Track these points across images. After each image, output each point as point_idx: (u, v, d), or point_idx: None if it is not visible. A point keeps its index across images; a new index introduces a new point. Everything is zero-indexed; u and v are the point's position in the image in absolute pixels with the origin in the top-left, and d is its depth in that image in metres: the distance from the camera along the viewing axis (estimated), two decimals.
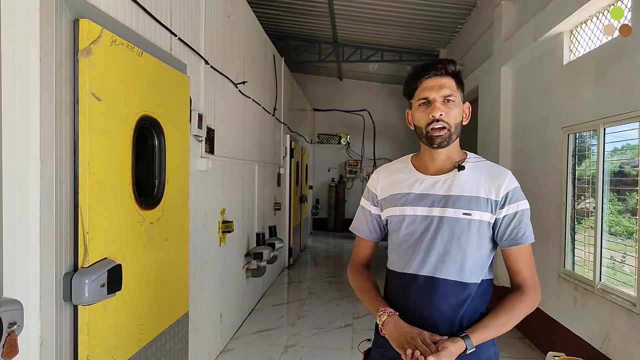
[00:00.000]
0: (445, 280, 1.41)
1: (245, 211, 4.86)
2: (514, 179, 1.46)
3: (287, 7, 7.57)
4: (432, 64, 1.45)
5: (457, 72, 1.45)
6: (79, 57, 1.80)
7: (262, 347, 4.26)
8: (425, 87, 1.43)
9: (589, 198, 3.62)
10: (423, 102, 1.44)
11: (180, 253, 2.79)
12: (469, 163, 1.48)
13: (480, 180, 1.44)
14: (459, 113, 1.45)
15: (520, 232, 1.42)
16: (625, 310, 2.98)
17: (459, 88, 1.45)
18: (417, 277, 1.44)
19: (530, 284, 1.43)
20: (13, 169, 1.53)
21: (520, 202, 1.44)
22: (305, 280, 6.97)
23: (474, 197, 1.42)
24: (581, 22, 3.78)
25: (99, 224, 1.89)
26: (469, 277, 1.42)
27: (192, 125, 3.06)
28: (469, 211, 1.41)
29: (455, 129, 1.43)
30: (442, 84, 1.42)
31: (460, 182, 1.44)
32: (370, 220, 1.63)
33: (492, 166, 1.50)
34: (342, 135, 12.87)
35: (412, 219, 1.47)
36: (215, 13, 3.71)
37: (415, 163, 1.55)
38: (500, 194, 1.42)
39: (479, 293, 1.44)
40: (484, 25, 6.06)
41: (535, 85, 4.54)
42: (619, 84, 3.13)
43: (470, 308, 1.42)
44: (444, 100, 1.41)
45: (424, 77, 1.44)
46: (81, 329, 1.81)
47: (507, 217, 1.42)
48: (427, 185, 1.48)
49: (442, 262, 1.42)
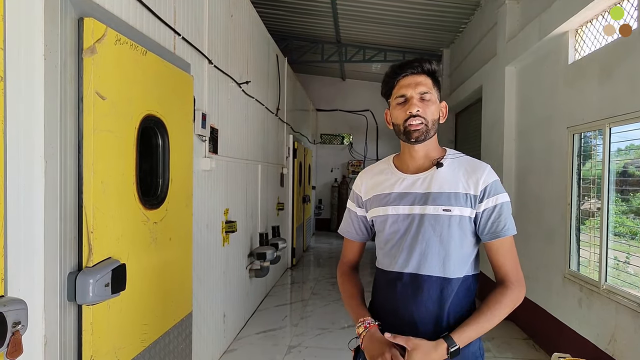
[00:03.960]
0: (429, 277, 1.44)
1: (249, 211, 4.86)
2: (493, 173, 1.48)
3: (290, 7, 7.56)
4: (408, 62, 1.48)
5: (432, 70, 1.48)
6: (84, 56, 1.79)
7: (265, 347, 4.25)
8: (402, 85, 1.47)
9: (594, 198, 3.60)
10: (401, 99, 1.47)
11: (184, 253, 2.78)
12: (447, 159, 1.50)
13: (459, 175, 1.47)
14: (436, 110, 1.48)
15: (500, 225, 1.43)
16: (631, 311, 2.96)
17: (435, 86, 1.49)
18: (402, 275, 1.47)
19: (513, 277, 1.45)
20: (18, 168, 1.53)
21: (500, 195, 1.45)
22: (309, 281, 6.96)
23: (453, 193, 1.44)
24: (586, 22, 3.76)
25: (103, 224, 1.88)
26: (452, 273, 1.44)
27: (196, 125, 3.06)
28: (448, 207, 1.43)
29: (432, 125, 1.46)
30: (418, 82, 1.45)
31: (439, 178, 1.47)
32: (357, 221, 1.67)
33: (470, 161, 1.51)
34: (344, 136, 12.86)
35: (394, 218, 1.50)
36: (218, 13, 3.70)
37: (396, 163, 1.58)
38: (478, 189, 1.44)
39: (464, 288, 1.46)
40: (488, 25, 6.04)
41: (539, 85, 4.52)
42: (625, 83, 3.11)
43: (455, 303, 1.44)
44: (421, 98, 1.45)
45: (400, 76, 1.48)
46: (85, 328, 1.81)
47: (487, 211, 1.44)
48: (407, 184, 1.51)
49: (425, 259, 1.44)
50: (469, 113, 7.68)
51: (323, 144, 12.76)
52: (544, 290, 4.27)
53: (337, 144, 12.89)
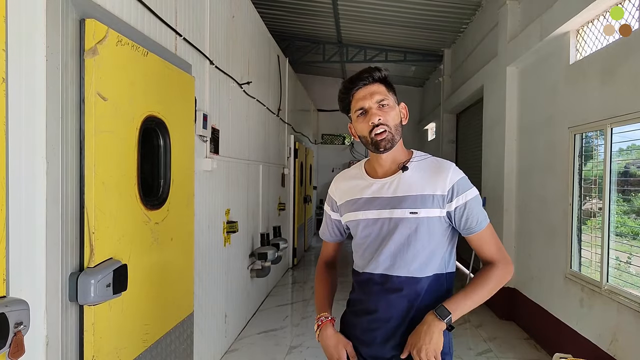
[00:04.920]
0: (398, 277, 1.50)
1: (250, 211, 4.86)
2: (458, 171, 1.51)
3: (291, 8, 7.56)
4: (358, 75, 1.52)
5: (383, 77, 1.52)
6: (85, 57, 1.80)
7: (266, 347, 4.26)
8: (358, 97, 1.50)
9: (595, 198, 3.60)
10: (360, 112, 1.50)
11: (186, 253, 2.79)
12: (412, 162, 1.54)
13: (425, 177, 1.50)
14: (397, 115, 1.51)
15: (473, 220, 1.48)
16: (633, 311, 2.95)
17: (390, 91, 1.52)
18: (374, 276, 1.54)
19: (498, 258, 1.51)
20: (19, 168, 1.53)
21: (468, 191, 1.49)
22: (310, 281, 6.95)
23: (419, 195, 1.47)
24: (588, 22, 3.75)
25: (104, 224, 1.89)
26: (421, 272, 1.49)
27: (197, 125, 3.06)
28: (415, 210, 1.47)
29: (396, 130, 1.49)
30: (372, 91, 1.49)
31: (405, 182, 1.50)
32: (331, 224, 1.75)
33: (435, 162, 1.55)
34: (345, 136, 12.86)
35: (365, 223, 1.55)
36: (220, 13, 3.71)
37: (367, 168, 1.63)
38: (446, 188, 1.47)
39: (434, 286, 1.51)
40: (489, 25, 6.04)
41: (541, 85, 4.52)
42: (627, 83, 3.10)
43: (426, 300, 1.49)
44: (379, 106, 1.48)
45: (354, 89, 1.51)
46: (87, 329, 1.81)
47: (459, 209, 1.47)
48: (375, 188, 1.55)
49: (395, 261, 1.50)
50: (470, 113, 7.68)
51: (324, 144, 12.76)
52: (546, 290, 4.27)
53: (338, 144, 12.90)
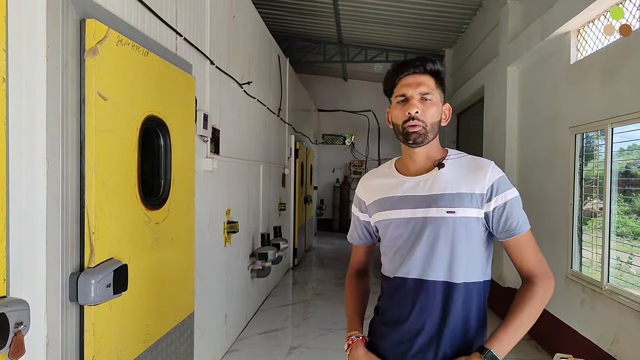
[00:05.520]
0: (433, 282, 1.38)
1: (250, 211, 4.86)
2: (498, 169, 1.42)
3: (292, 8, 7.56)
4: (411, 61, 1.43)
5: (436, 70, 1.43)
6: (85, 57, 1.80)
7: (267, 348, 4.26)
8: (403, 84, 1.42)
9: (596, 199, 3.60)
10: (401, 99, 1.42)
11: (186, 253, 2.79)
12: (449, 160, 1.45)
13: (462, 175, 1.41)
14: (437, 112, 1.42)
15: (513, 222, 1.37)
16: (634, 311, 2.95)
17: (438, 87, 1.43)
18: (406, 281, 1.42)
19: (539, 271, 1.37)
20: (20, 169, 1.53)
21: (508, 191, 1.39)
22: (311, 281, 6.96)
23: (456, 194, 1.38)
24: (588, 21, 3.75)
25: (105, 224, 1.89)
26: (459, 277, 1.38)
27: (198, 126, 3.06)
28: (452, 209, 1.37)
29: (432, 128, 1.41)
30: (420, 82, 1.40)
31: (442, 180, 1.41)
32: (359, 226, 1.64)
33: (473, 159, 1.45)
34: (346, 136, 12.86)
35: (397, 223, 1.45)
36: (220, 13, 3.71)
37: (398, 166, 1.54)
38: (485, 187, 1.38)
39: (472, 294, 1.39)
40: (490, 25, 6.03)
41: (542, 85, 4.51)
42: (628, 83, 3.10)
43: (462, 309, 1.38)
44: (421, 98, 1.39)
45: (402, 75, 1.43)
46: (87, 329, 1.81)
47: (497, 209, 1.37)
48: (409, 186, 1.45)
49: (430, 264, 1.39)
50: (471, 113, 7.67)
51: (325, 144, 12.76)
52: None
53: (339, 144, 12.90)
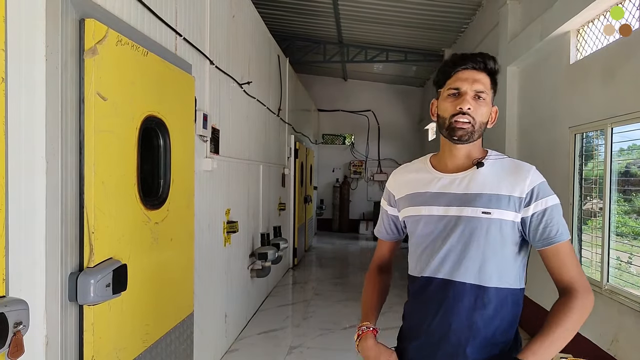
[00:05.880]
0: (462, 284, 1.32)
1: (250, 211, 4.86)
2: (539, 174, 1.36)
3: (292, 8, 7.56)
4: (472, 55, 1.37)
5: (494, 70, 1.38)
6: (85, 57, 1.80)
7: (266, 347, 4.26)
8: (460, 77, 1.36)
9: (596, 199, 3.60)
10: (454, 92, 1.36)
11: (186, 253, 2.78)
12: (489, 160, 1.39)
13: (501, 176, 1.35)
14: (487, 113, 1.37)
15: (552, 230, 1.30)
16: (634, 311, 2.95)
17: (492, 88, 1.39)
18: (433, 280, 1.36)
19: (578, 284, 1.29)
20: (19, 168, 1.53)
21: (549, 197, 1.32)
22: (310, 281, 6.96)
23: (494, 194, 1.32)
24: (588, 21, 3.75)
25: (104, 224, 1.89)
26: (490, 281, 1.31)
27: (197, 125, 3.06)
28: (488, 210, 1.31)
29: (479, 127, 1.35)
30: (477, 79, 1.35)
31: (480, 179, 1.35)
32: (387, 220, 1.59)
33: (514, 162, 1.40)
34: (346, 136, 12.86)
35: (428, 219, 1.39)
36: (220, 13, 3.71)
37: (433, 162, 1.48)
38: (524, 191, 1.31)
39: (503, 301, 1.33)
40: (490, 25, 6.04)
41: (541, 85, 4.52)
42: (627, 83, 3.10)
43: (491, 315, 1.31)
44: (475, 96, 1.34)
45: (460, 67, 1.36)
46: (86, 329, 1.81)
47: (536, 216, 1.31)
48: (444, 183, 1.39)
49: (460, 265, 1.33)
50: None
51: (325, 144, 12.77)
52: (546, 290, 4.26)
53: (339, 144, 12.90)
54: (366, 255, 9.13)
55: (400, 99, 12.21)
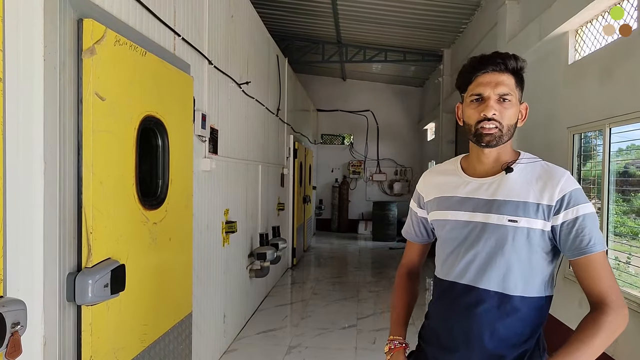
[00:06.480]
0: (486, 291, 1.30)
1: (249, 211, 4.86)
2: (573, 180, 1.30)
3: (290, 8, 7.56)
4: (491, 57, 1.33)
5: (518, 68, 1.33)
6: (83, 57, 1.80)
7: (265, 347, 4.26)
8: (481, 82, 1.31)
9: (594, 198, 3.60)
10: (476, 98, 1.32)
11: (184, 253, 2.78)
12: (519, 164, 1.34)
13: (531, 183, 1.30)
14: (515, 114, 1.33)
15: (584, 240, 1.24)
16: (632, 312, 2.95)
17: (518, 87, 1.34)
18: (456, 285, 1.35)
19: (611, 298, 1.23)
20: (17, 168, 1.53)
21: (581, 205, 1.26)
22: (309, 281, 6.96)
23: (521, 202, 1.29)
24: (586, 22, 3.76)
25: (102, 224, 1.89)
26: (514, 290, 1.29)
27: (196, 126, 3.06)
28: (515, 218, 1.28)
29: (507, 130, 1.31)
30: (499, 81, 1.30)
31: (508, 185, 1.32)
32: (416, 222, 1.58)
33: (546, 166, 1.34)
34: (345, 136, 12.86)
35: (454, 224, 1.37)
36: (219, 13, 3.71)
37: (464, 164, 1.45)
38: (554, 198, 1.27)
39: (527, 310, 1.30)
40: (488, 25, 6.04)
41: (540, 85, 4.52)
42: (625, 83, 3.11)
43: (514, 324, 1.29)
44: (499, 99, 1.30)
45: (480, 72, 1.32)
46: (85, 329, 1.81)
47: (567, 224, 1.26)
48: (471, 188, 1.37)
49: (484, 272, 1.31)
50: None
51: (324, 144, 12.76)
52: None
53: (338, 144, 12.89)
54: (365, 255, 9.15)
55: (399, 99, 12.22)
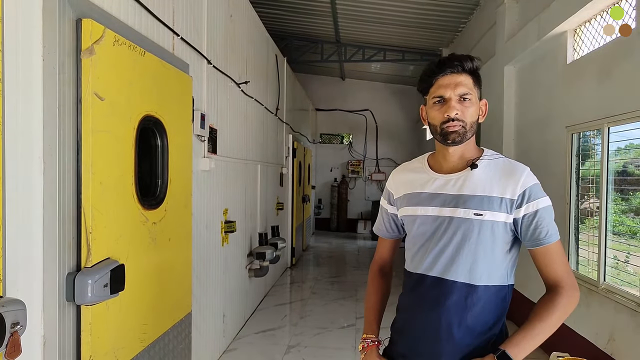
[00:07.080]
0: (453, 282, 1.38)
1: (248, 211, 4.86)
2: (532, 176, 1.39)
3: (289, 7, 7.56)
4: (448, 60, 1.39)
5: (474, 69, 1.40)
6: (82, 57, 1.80)
7: (264, 347, 4.26)
8: (441, 84, 1.38)
9: (593, 198, 3.61)
10: (438, 100, 1.39)
11: (183, 253, 2.79)
12: (483, 161, 1.42)
13: (495, 178, 1.38)
14: (475, 111, 1.40)
15: (542, 232, 1.34)
16: (630, 310, 2.96)
17: (476, 85, 1.40)
18: (426, 278, 1.42)
19: (564, 282, 1.35)
20: (16, 168, 1.53)
21: (540, 199, 1.36)
22: (308, 280, 6.96)
23: (486, 196, 1.36)
24: (585, 21, 3.76)
25: (102, 224, 1.89)
26: (479, 280, 1.37)
27: (195, 125, 3.06)
28: (480, 211, 1.35)
29: (470, 127, 1.39)
30: (458, 82, 1.37)
31: (473, 181, 1.39)
32: (387, 219, 1.64)
33: (508, 163, 1.43)
34: (344, 135, 12.86)
35: (423, 219, 1.44)
36: (217, 13, 3.70)
37: (430, 162, 1.52)
38: (516, 192, 1.35)
39: (491, 298, 1.38)
40: (487, 25, 6.04)
41: (538, 85, 4.53)
42: (624, 83, 3.11)
43: (480, 312, 1.37)
44: (460, 99, 1.37)
45: (439, 75, 1.39)
46: (84, 329, 1.81)
47: (527, 217, 1.35)
48: (439, 184, 1.44)
49: (452, 264, 1.38)
50: None
51: (322, 144, 12.76)
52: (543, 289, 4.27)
53: (337, 144, 12.90)
54: (364, 254, 9.15)
55: (398, 98, 12.22)
